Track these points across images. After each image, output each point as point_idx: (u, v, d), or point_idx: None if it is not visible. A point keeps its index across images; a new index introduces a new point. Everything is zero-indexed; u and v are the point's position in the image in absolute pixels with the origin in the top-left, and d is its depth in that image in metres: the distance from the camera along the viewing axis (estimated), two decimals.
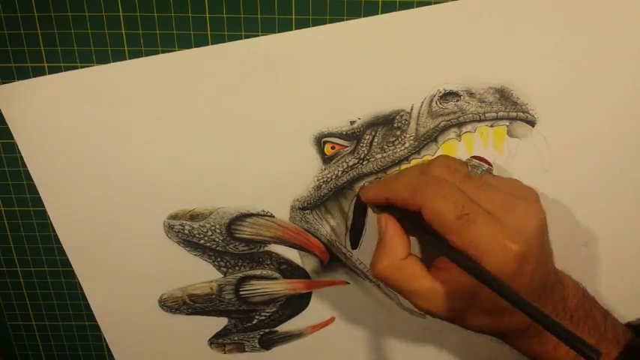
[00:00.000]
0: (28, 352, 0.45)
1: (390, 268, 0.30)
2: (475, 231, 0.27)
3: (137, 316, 0.42)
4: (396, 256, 0.30)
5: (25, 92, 0.35)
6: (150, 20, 0.33)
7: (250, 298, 0.42)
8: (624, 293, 0.41)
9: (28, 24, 0.33)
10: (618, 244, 0.40)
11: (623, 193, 0.38)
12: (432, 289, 0.29)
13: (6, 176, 0.38)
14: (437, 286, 0.29)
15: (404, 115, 0.36)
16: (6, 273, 0.42)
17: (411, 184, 0.30)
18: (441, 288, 0.29)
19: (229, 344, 0.44)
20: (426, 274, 0.29)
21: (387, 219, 0.31)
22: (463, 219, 0.27)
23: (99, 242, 0.39)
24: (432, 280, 0.29)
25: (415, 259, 0.30)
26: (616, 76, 0.35)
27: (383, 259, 0.30)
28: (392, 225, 0.31)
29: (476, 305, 0.29)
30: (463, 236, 0.27)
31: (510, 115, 0.36)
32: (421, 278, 0.29)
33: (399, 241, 0.30)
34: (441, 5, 0.33)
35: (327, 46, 0.34)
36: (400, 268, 0.30)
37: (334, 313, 0.43)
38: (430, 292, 0.29)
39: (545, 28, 0.33)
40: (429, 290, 0.29)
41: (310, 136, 0.36)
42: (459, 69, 0.34)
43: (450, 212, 0.27)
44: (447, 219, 0.27)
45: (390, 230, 0.31)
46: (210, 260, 0.40)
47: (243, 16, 0.33)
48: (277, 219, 0.39)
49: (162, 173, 0.37)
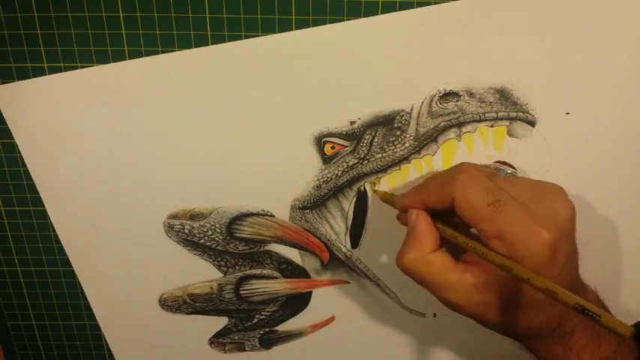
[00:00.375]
0: (28, 351, 0.45)
1: (418, 260, 0.30)
2: (507, 217, 0.27)
3: (137, 316, 0.42)
4: (424, 249, 0.30)
5: (25, 92, 0.34)
6: (150, 20, 0.33)
7: (250, 297, 0.42)
8: (625, 293, 0.41)
9: (28, 24, 0.33)
10: (619, 244, 0.40)
11: (624, 192, 0.38)
12: (461, 281, 0.29)
13: (6, 176, 0.38)
14: (467, 278, 0.28)
15: (404, 115, 0.36)
16: (6, 273, 0.42)
17: (442, 180, 0.30)
18: (471, 280, 0.28)
19: (229, 344, 0.44)
20: (455, 266, 0.29)
21: (419, 213, 0.31)
22: (495, 205, 0.27)
23: (99, 242, 0.39)
24: (461, 273, 0.29)
25: (444, 252, 0.30)
26: (616, 76, 0.35)
27: (410, 251, 0.30)
28: (422, 218, 0.31)
29: (506, 300, 0.28)
30: (495, 223, 0.27)
31: (510, 115, 0.36)
32: (450, 271, 0.29)
33: (428, 235, 0.30)
34: (441, 5, 0.33)
35: (327, 46, 0.34)
36: (428, 261, 0.30)
37: (334, 312, 0.43)
38: (459, 285, 0.29)
39: (545, 28, 0.33)
40: (458, 283, 0.29)
41: (310, 136, 0.36)
42: (459, 69, 0.34)
43: (481, 199, 0.27)
44: (479, 206, 0.27)
45: (421, 223, 0.30)
46: (210, 260, 0.40)
47: (243, 16, 0.33)
48: (277, 218, 0.39)
49: (162, 173, 0.37)
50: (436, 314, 0.42)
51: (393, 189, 0.37)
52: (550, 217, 0.27)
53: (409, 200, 0.32)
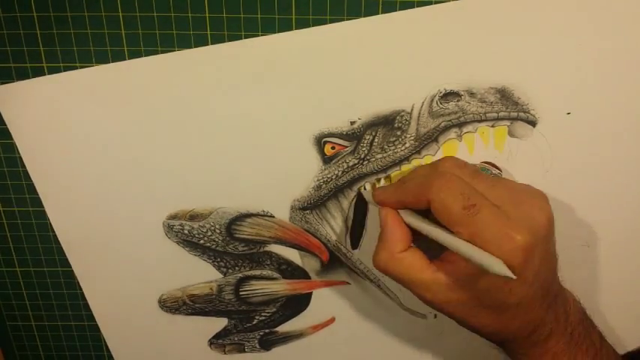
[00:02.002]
0: (27, 352, 0.45)
1: (390, 260, 0.30)
2: (481, 221, 0.27)
3: (137, 317, 0.42)
4: (395, 249, 0.30)
5: (25, 93, 0.34)
6: (149, 20, 0.33)
7: (250, 298, 0.42)
8: (626, 293, 0.41)
9: (27, 24, 0.33)
10: (620, 245, 0.40)
11: (625, 193, 0.38)
12: (433, 280, 0.29)
13: (5, 176, 0.38)
14: (439, 277, 0.29)
15: (404, 115, 0.35)
16: (5, 273, 0.42)
17: (420, 180, 0.30)
18: (443, 279, 0.29)
19: (229, 345, 0.44)
20: (428, 265, 0.29)
21: (387, 212, 0.31)
22: (469, 209, 0.27)
23: (98, 242, 0.39)
24: (434, 272, 0.29)
25: (416, 251, 0.30)
26: (617, 76, 0.35)
27: (381, 252, 0.31)
28: (391, 218, 0.31)
29: (480, 300, 0.29)
30: (469, 227, 0.27)
31: (511, 115, 0.35)
32: (422, 269, 0.29)
33: (397, 234, 0.30)
34: (441, 5, 0.33)
35: (327, 46, 0.34)
36: (399, 260, 0.30)
37: (334, 313, 0.43)
38: (432, 283, 0.29)
39: (545, 28, 0.33)
40: (430, 281, 0.29)
41: (310, 136, 0.36)
42: (459, 69, 0.34)
43: (456, 203, 0.27)
44: (454, 210, 0.27)
45: (390, 223, 0.31)
46: (210, 260, 0.40)
47: (243, 16, 0.33)
48: (277, 219, 0.39)
49: (162, 173, 0.37)
50: (437, 315, 0.42)
51: None
52: (525, 222, 0.27)
53: (385, 197, 0.32)
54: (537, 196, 0.30)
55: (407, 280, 0.30)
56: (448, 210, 0.28)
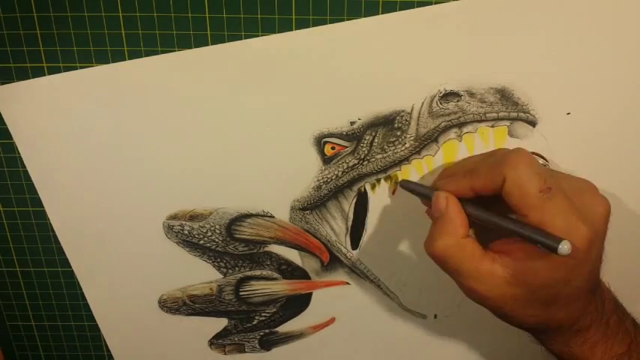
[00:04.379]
0: (27, 352, 0.45)
1: (453, 246, 0.28)
2: (555, 207, 0.26)
3: (137, 317, 0.42)
4: (458, 234, 0.29)
5: (25, 93, 0.34)
6: (149, 20, 0.33)
7: (250, 298, 0.41)
8: (627, 293, 0.41)
9: (27, 24, 0.33)
10: (620, 244, 0.40)
11: (625, 193, 0.38)
12: (490, 271, 0.28)
13: (5, 176, 0.38)
14: (496, 268, 0.28)
15: (404, 115, 0.35)
16: (5, 273, 0.42)
17: (493, 160, 0.28)
18: (500, 270, 0.27)
19: (229, 345, 0.44)
20: (485, 254, 0.28)
21: (449, 196, 0.30)
22: (545, 192, 0.26)
23: (98, 242, 0.39)
24: (491, 262, 0.28)
25: (473, 239, 0.29)
26: (617, 76, 0.35)
27: (444, 236, 0.29)
28: (452, 202, 0.30)
29: (532, 294, 0.27)
30: (540, 211, 0.26)
31: (511, 115, 0.35)
32: (481, 259, 0.28)
33: (460, 219, 0.29)
34: (441, 5, 0.33)
35: (327, 46, 0.34)
36: (462, 246, 0.28)
37: (334, 313, 0.42)
38: (489, 276, 0.28)
39: (545, 28, 0.33)
40: (487, 273, 0.28)
41: (310, 137, 0.36)
42: (459, 69, 0.34)
43: (533, 184, 0.26)
44: (530, 191, 0.26)
45: (452, 207, 0.29)
46: (210, 261, 0.40)
47: (243, 16, 0.33)
48: (277, 219, 0.39)
49: (161, 173, 0.37)
50: (437, 315, 0.42)
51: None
52: (589, 212, 0.27)
53: (456, 186, 0.31)
54: (592, 188, 0.29)
55: (463, 268, 0.28)
56: (524, 190, 0.26)
